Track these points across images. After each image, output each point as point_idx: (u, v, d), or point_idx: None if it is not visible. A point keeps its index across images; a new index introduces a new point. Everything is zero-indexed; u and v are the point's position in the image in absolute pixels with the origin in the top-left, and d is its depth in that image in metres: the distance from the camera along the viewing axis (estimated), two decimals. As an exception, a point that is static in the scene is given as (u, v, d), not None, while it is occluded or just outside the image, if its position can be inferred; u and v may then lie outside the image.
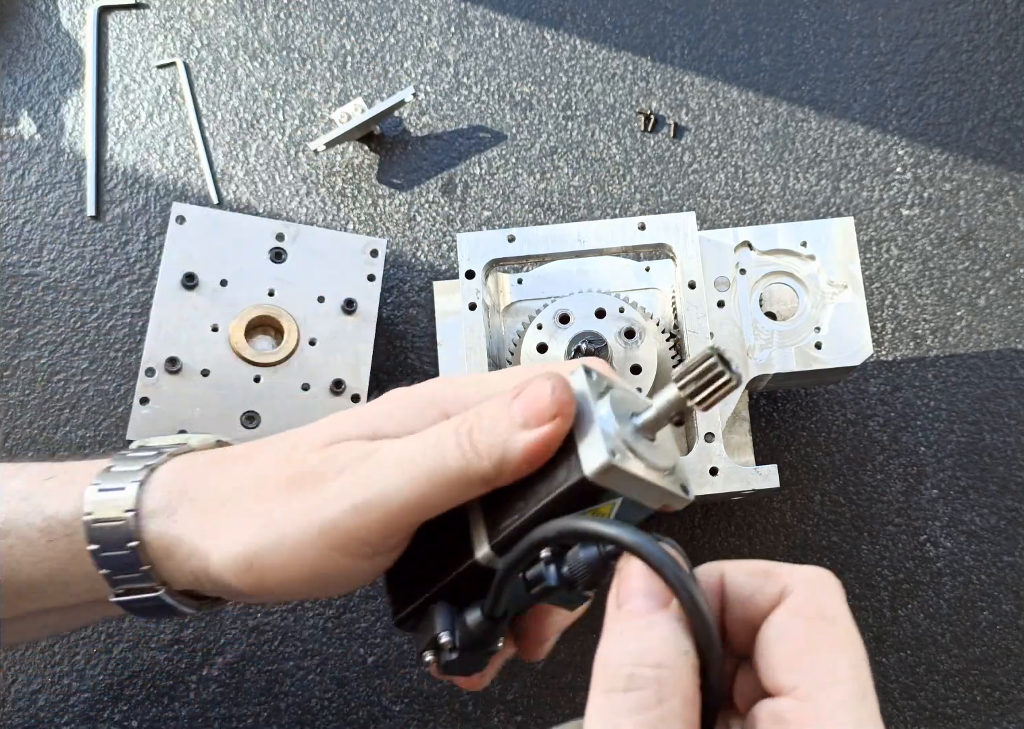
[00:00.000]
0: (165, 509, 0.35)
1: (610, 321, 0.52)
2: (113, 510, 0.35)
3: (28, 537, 0.36)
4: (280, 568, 0.33)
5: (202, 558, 0.34)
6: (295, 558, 0.33)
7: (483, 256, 0.52)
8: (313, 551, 0.32)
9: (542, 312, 0.52)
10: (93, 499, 0.35)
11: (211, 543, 0.34)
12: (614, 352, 0.51)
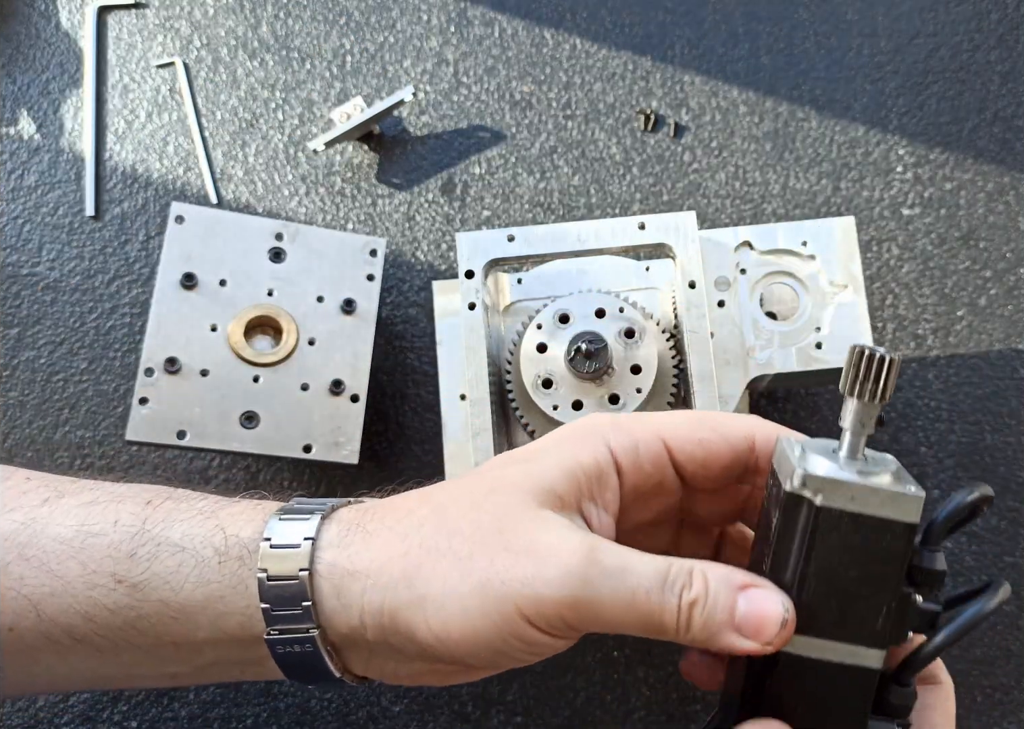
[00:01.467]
0: (341, 542, 0.34)
1: (610, 321, 0.52)
2: (292, 535, 0.34)
3: (201, 555, 0.35)
4: (467, 618, 0.31)
5: (380, 592, 0.33)
6: (486, 613, 0.31)
7: (483, 256, 0.52)
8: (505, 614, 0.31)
9: (542, 312, 0.52)
10: (275, 525, 0.35)
11: (390, 575, 0.33)
12: (614, 352, 0.51)
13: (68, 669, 0.38)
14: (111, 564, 0.35)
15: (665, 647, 0.62)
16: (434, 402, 0.65)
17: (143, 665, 0.38)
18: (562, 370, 0.51)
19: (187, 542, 0.35)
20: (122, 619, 0.35)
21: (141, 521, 0.36)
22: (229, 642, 0.36)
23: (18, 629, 0.36)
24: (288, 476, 0.64)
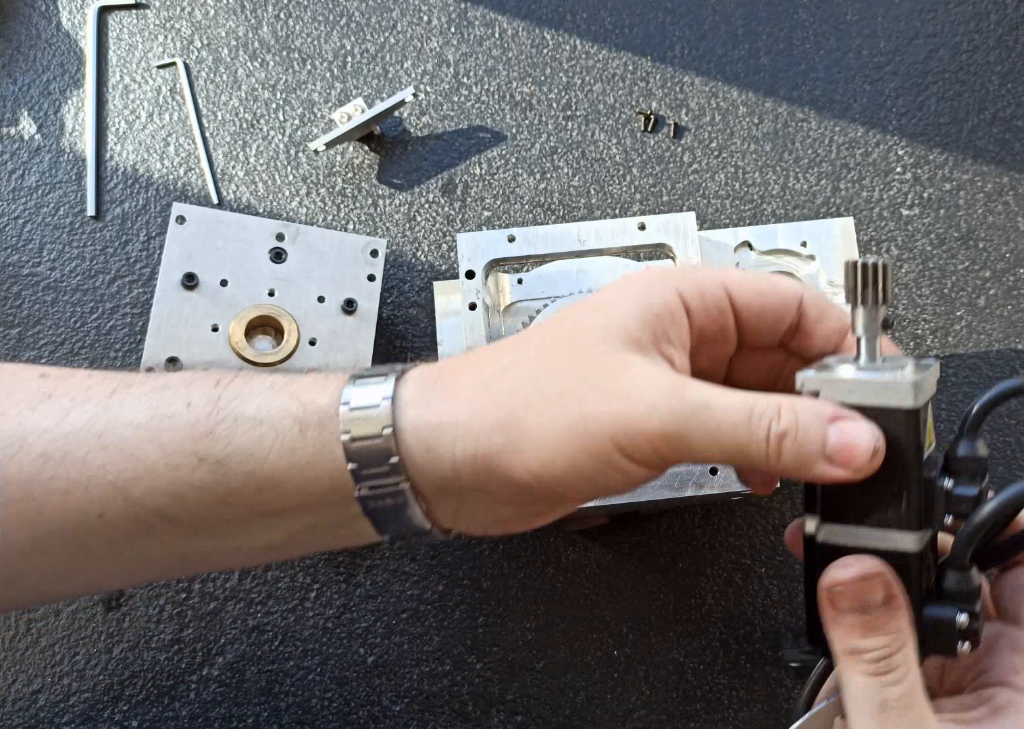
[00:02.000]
0: (422, 398, 0.35)
1: None
2: (371, 396, 0.34)
3: (280, 426, 0.35)
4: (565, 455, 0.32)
5: (472, 440, 0.33)
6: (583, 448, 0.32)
7: (483, 256, 0.52)
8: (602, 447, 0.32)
9: (542, 312, 0.53)
10: (351, 390, 0.35)
11: (481, 423, 0.33)
12: None
13: (162, 551, 0.38)
14: (191, 444, 0.35)
15: (665, 647, 0.62)
16: (434, 402, 0.65)
17: (237, 539, 0.38)
18: None
19: (264, 415, 0.35)
20: (211, 496, 0.36)
21: (214, 401, 0.36)
22: (320, 506, 0.36)
23: (108, 515, 0.36)
24: (289, 476, 0.65)
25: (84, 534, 0.37)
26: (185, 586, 0.63)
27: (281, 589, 0.63)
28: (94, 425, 0.36)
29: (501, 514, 0.37)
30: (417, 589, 0.63)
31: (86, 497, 0.36)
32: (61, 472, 0.36)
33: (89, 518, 0.36)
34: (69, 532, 0.36)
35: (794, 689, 0.62)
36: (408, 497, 0.35)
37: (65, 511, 0.36)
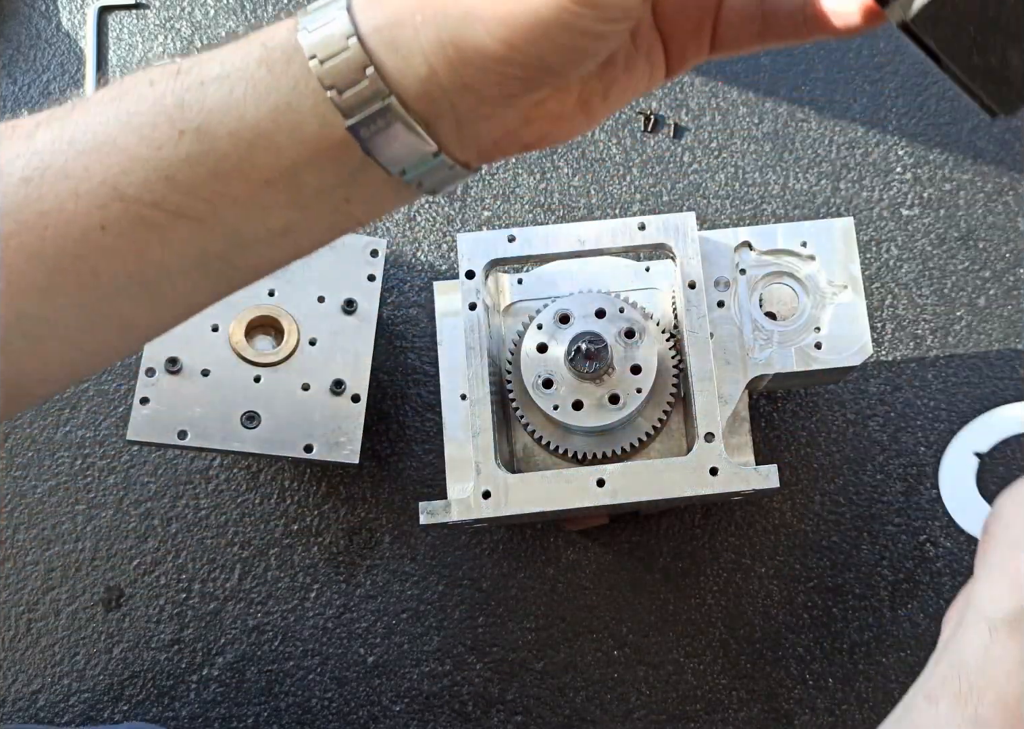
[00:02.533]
0: (375, 2, 0.33)
1: (610, 321, 0.52)
2: (325, 16, 0.33)
3: (247, 73, 0.33)
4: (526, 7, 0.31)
5: (431, 26, 0.32)
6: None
7: (483, 256, 0.52)
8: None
9: (542, 312, 0.53)
10: (305, 17, 0.33)
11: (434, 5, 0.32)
12: (614, 352, 0.51)
13: (179, 258, 0.36)
14: (165, 118, 0.34)
15: (665, 647, 0.62)
16: (434, 402, 0.65)
17: (250, 223, 0.36)
18: (562, 370, 0.51)
19: (229, 68, 0.34)
20: (204, 169, 0.34)
21: (174, 73, 0.34)
22: (316, 158, 0.35)
23: (109, 224, 0.35)
24: (289, 476, 0.65)
25: (94, 255, 0.35)
26: (185, 586, 0.63)
27: (281, 589, 0.63)
28: (62, 135, 0.34)
29: (504, 119, 0.35)
30: (417, 589, 0.63)
31: (80, 208, 0.34)
32: (47, 189, 0.34)
33: (92, 233, 0.34)
34: (78, 257, 0.35)
35: (793, 689, 0.62)
36: (398, 111, 0.33)
37: (65, 232, 0.34)
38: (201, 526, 0.64)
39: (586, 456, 0.52)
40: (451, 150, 0.35)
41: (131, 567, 0.63)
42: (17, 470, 0.65)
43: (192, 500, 0.64)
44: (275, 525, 0.64)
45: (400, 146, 0.34)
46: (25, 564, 0.63)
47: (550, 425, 0.53)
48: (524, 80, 0.34)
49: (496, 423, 0.50)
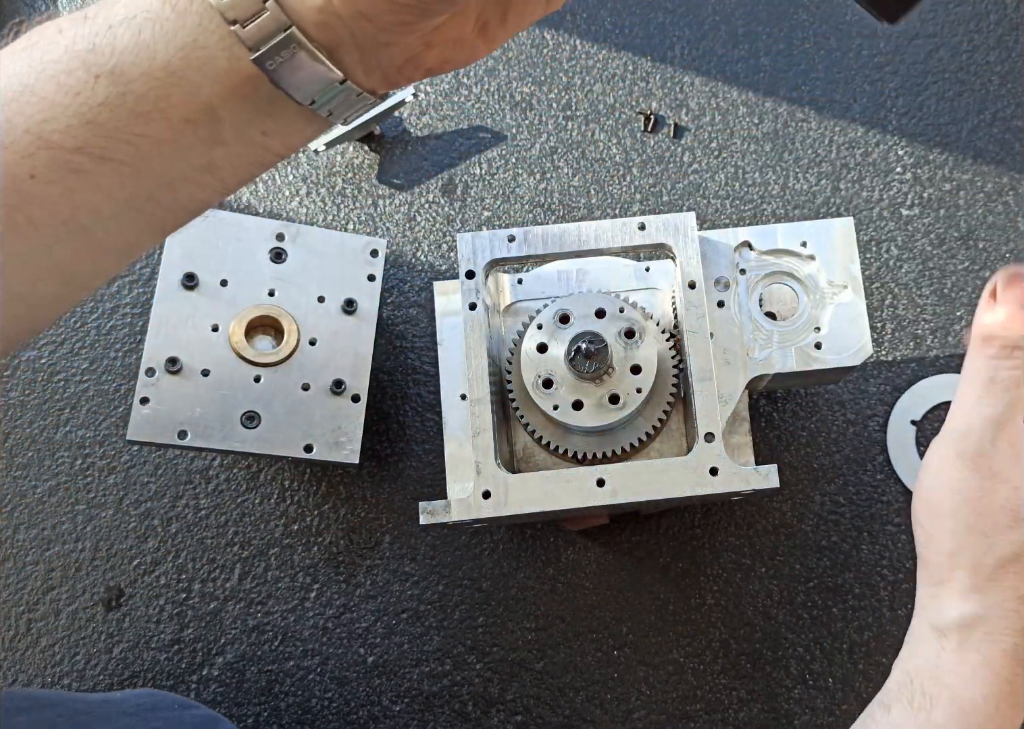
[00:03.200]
0: None
1: (610, 321, 0.52)
2: None
3: (152, 12, 0.34)
4: None
5: None
6: None
7: (483, 256, 0.52)
8: None
9: (542, 312, 0.53)
10: None
11: None
12: (614, 352, 0.51)
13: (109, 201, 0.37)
14: (79, 64, 0.34)
15: (665, 647, 0.62)
16: (434, 402, 0.65)
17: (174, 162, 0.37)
18: (562, 370, 0.51)
19: (133, 10, 0.34)
20: (124, 111, 0.35)
21: (80, 18, 0.35)
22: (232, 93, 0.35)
23: (38, 171, 0.35)
24: (289, 476, 0.65)
25: (27, 205, 0.35)
26: (185, 586, 0.63)
27: (281, 589, 0.63)
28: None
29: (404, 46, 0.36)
30: (417, 589, 0.63)
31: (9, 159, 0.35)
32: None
33: (23, 183, 0.35)
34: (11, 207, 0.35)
35: (793, 689, 0.62)
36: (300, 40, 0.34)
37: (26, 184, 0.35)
38: (201, 526, 0.64)
39: (586, 456, 0.52)
40: (356, 77, 0.36)
41: (131, 567, 0.63)
42: (17, 470, 0.65)
43: (192, 500, 0.64)
44: (275, 525, 0.64)
45: (306, 75, 0.35)
46: (25, 564, 0.63)
47: (550, 425, 0.53)
48: (416, 7, 0.34)
49: (496, 423, 0.50)
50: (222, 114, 0.36)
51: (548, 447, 0.53)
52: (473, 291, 0.51)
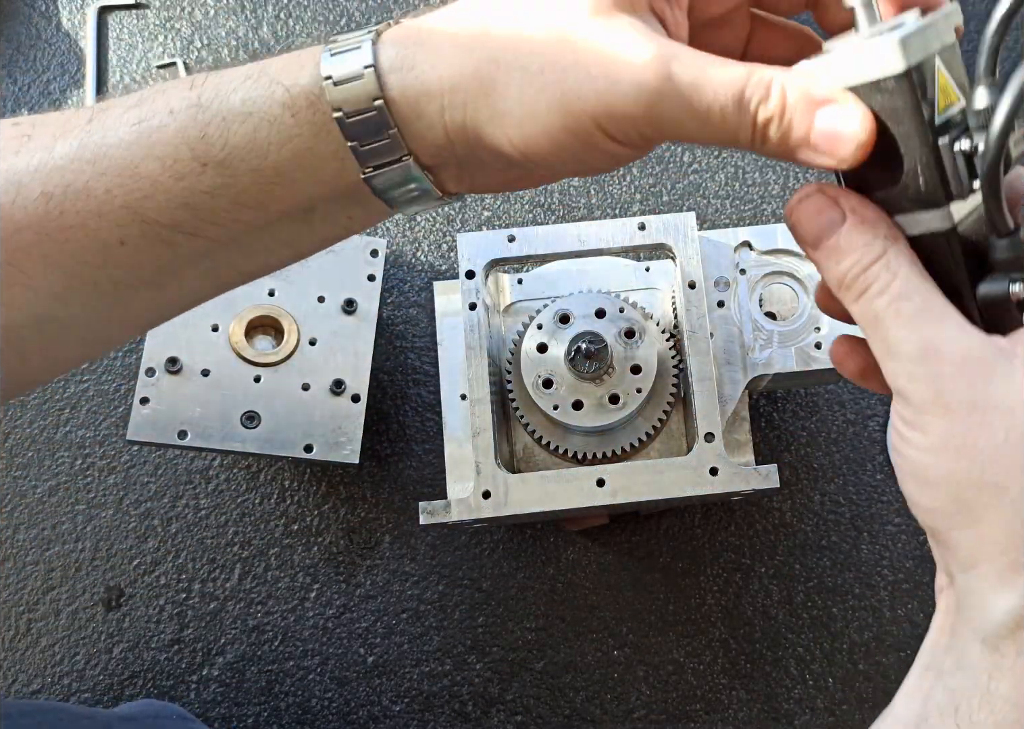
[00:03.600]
0: (404, 64, 0.34)
1: (610, 321, 0.52)
2: (352, 66, 0.34)
3: (271, 114, 0.34)
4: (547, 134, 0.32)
5: (459, 109, 0.33)
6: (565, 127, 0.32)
7: (483, 256, 0.52)
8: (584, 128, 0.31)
9: (542, 312, 0.53)
10: (329, 63, 0.34)
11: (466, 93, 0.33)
12: (614, 352, 0.51)
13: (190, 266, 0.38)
14: (187, 151, 0.35)
15: (665, 647, 0.62)
16: (434, 402, 0.65)
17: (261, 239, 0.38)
18: (562, 370, 0.51)
19: (251, 107, 0.35)
20: (223, 200, 0.35)
21: (195, 103, 0.35)
22: (332, 193, 0.36)
23: (129, 241, 0.36)
24: (289, 476, 0.65)
25: (111, 266, 0.36)
26: (185, 586, 0.63)
27: (281, 589, 0.63)
28: (83, 154, 0.35)
29: (504, 177, 0.37)
30: (417, 589, 0.63)
31: (102, 226, 0.35)
32: (68, 206, 0.35)
33: (111, 248, 0.36)
34: (96, 267, 0.36)
35: (793, 689, 0.62)
36: (412, 169, 0.35)
37: (85, 245, 0.36)
38: (201, 526, 0.64)
39: (586, 456, 0.52)
40: (447, 188, 0.37)
41: (131, 567, 0.63)
42: (17, 470, 0.65)
43: (192, 500, 0.64)
44: (275, 525, 0.64)
45: (406, 189, 0.36)
46: (25, 564, 0.63)
47: (550, 425, 0.53)
48: (532, 170, 0.36)
49: (496, 423, 0.50)
50: (317, 207, 0.37)
51: (548, 447, 0.53)
52: (473, 291, 0.52)
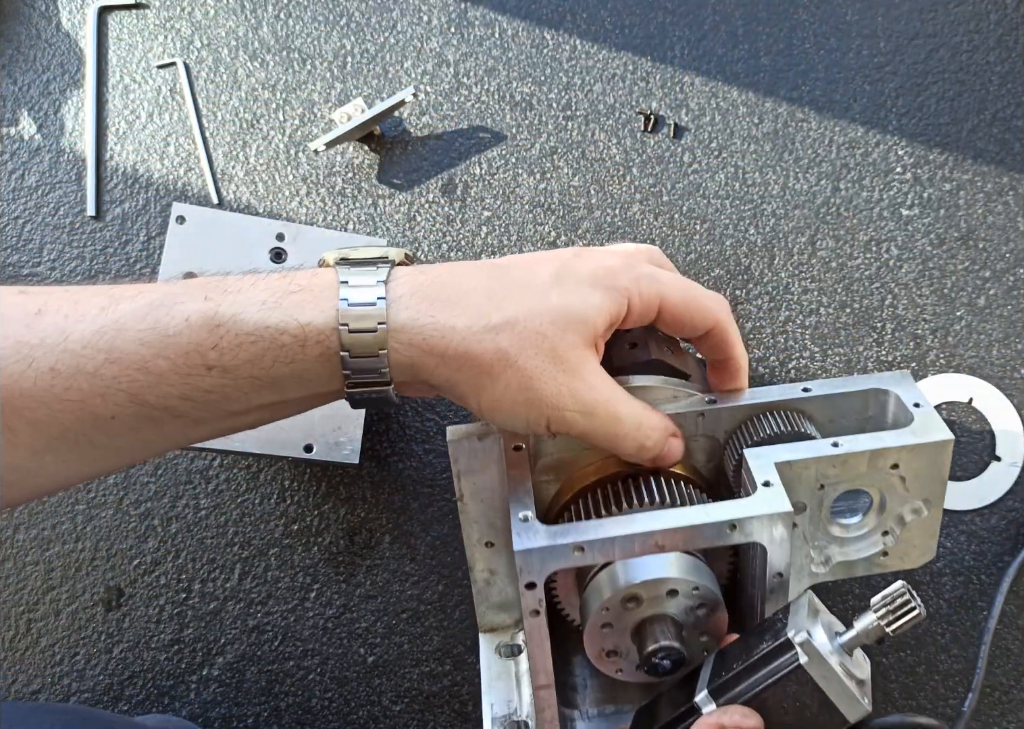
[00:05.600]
0: (414, 325, 0.40)
1: (684, 597, 0.46)
2: (367, 321, 0.39)
3: (280, 341, 0.39)
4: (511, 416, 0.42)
5: (450, 372, 0.41)
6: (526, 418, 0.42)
7: (546, 569, 0.43)
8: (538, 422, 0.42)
9: (604, 585, 0.46)
10: (346, 313, 0.39)
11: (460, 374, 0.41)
12: (685, 627, 0.46)
13: (165, 440, 0.43)
14: (199, 358, 0.39)
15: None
16: (434, 402, 0.65)
17: (236, 424, 0.43)
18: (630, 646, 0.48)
19: (263, 333, 0.39)
20: (218, 395, 0.40)
21: (210, 318, 0.39)
22: (312, 395, 0.42)
23: (120, 417, 0.40)
24: (289, 476, 0.65)
25: (95, 433, 0.40)
26: (185, 586, 0.63)
27: (281, 589, 0.63)
28: (98, 342, 0.38)
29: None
30: (417, 589, 0.63)
31: (100, 404, 0.39)
32: (74, 384, 0.38)
33: (101, 420, 0.39)
34: (82, 434, 0.40)
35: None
36: (390, 392, 0.42)
37: (79, 416, 0.39)
38: (201, 526, 0.64)
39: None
40: (404, 391, 0.44)
41: (131, 567, 0.63)
42: (17, 470, 0.65)
43: (192, 500, 0.64)
44: (275, 525, 0.64)
45: (374, 398, 0.42)
46: (25, 564, 0.63)
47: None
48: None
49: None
50: (292, 401, 0.43)
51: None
52: (536, 601, 0.44)
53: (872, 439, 0.47)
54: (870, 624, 0.41)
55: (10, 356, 0.38)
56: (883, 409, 0.50)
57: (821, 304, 0.68)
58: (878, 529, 0.50)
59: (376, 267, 0.41)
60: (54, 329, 0.39)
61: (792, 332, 0.67)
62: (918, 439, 0.47)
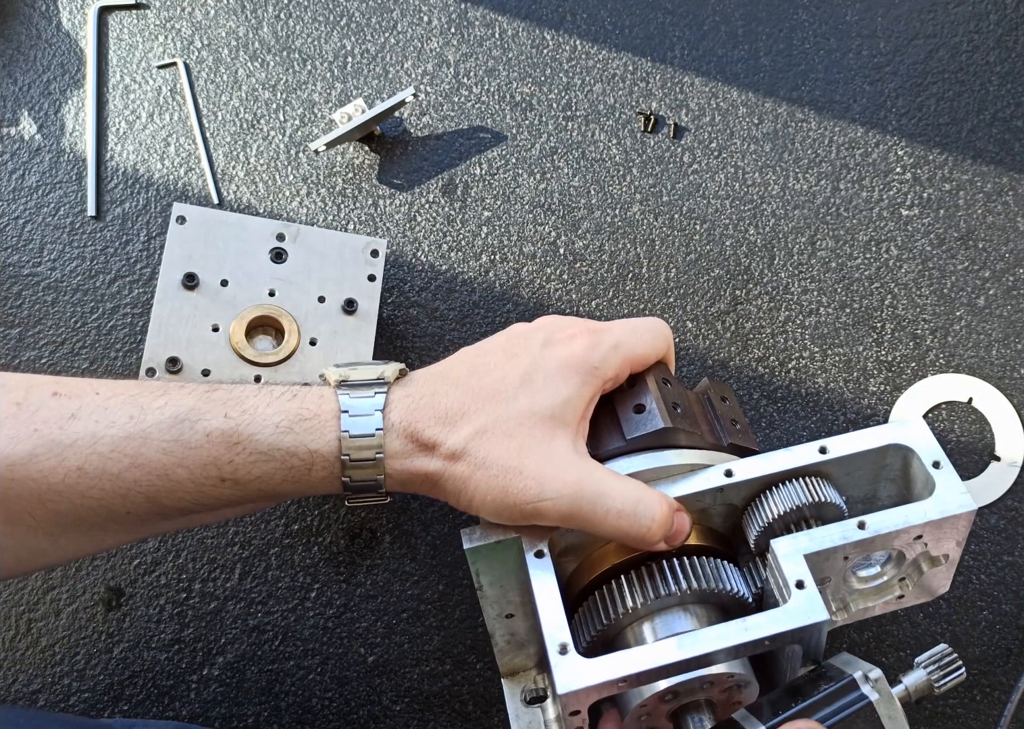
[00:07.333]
0: (408, 452, 0.45)
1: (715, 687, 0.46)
2: (366, 452, 0.44)
3: (290, 463, 0.44)
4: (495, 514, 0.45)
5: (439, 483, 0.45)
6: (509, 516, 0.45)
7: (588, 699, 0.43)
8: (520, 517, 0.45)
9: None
10: (348, 444, 0.44)
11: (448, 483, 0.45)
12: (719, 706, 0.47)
13: (170, 526, 0.47)
14: (215, 470, 0.43)
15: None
16: (435, 402, 0.65)
17: (233, 513, 0.48)
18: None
19: (275, 454, 0.44)
20: (226, 501, 0.45)
21: (229, 435, 0.43)
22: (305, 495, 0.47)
23: (135, 513, 0.44)
24: (289, 476, 0.65)
25: (109, 524, 0.44)
26: (185, 586, 0.63)
27: (281, 589, 0.63)
28: (125, 448, 0.43)
29: None
30: (417, 589, 0.63)
31: (119, 503, 0.43)
32: (98, 484, 0.42)
33: (116, 515, 0.44)
34: (96, 524, 0.44)
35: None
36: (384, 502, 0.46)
37: (96, 510, 0.43)
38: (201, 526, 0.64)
39: None
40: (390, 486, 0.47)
41: (131, 567, 0.63)
42: (17, 470, 0.65)
43: (192, 500, 0.64)
44: (275, 525, 0.64)
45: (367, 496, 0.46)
46: (25, 564, 0.63)
47: None
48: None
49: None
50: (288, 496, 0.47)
51: None
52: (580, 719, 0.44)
53: (898, 517, 0.46)
54: (919, 680, 0.43)
55: (44, 454, 0.42)
56: (903, 464, 0.49)
57: (821, 304, 0.68)
58: (896, 577, 0.50)
59: (374, 394, 0.46)
60: (84, 433, 0.43)
61: (792, 332, 0.67)
62: (943, 513, 0.46)
